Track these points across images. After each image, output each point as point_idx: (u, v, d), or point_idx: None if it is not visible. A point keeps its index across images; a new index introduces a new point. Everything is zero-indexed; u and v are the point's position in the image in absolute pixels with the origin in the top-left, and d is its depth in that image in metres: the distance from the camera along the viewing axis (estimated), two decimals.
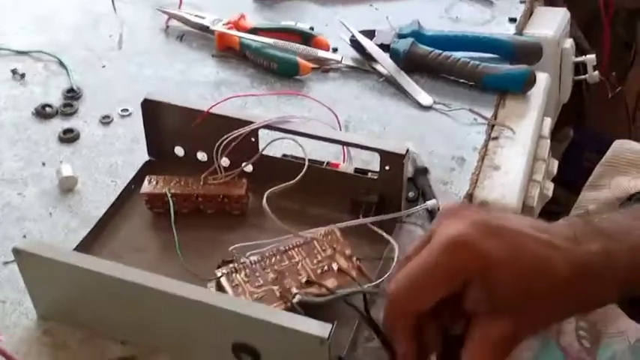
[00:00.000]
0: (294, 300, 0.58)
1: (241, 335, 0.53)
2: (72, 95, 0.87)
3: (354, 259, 0.62)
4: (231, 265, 0.61)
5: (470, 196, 0.74)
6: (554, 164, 0.91)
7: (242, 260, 0.61)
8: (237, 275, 0.60)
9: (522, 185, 0.76)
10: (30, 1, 1.04)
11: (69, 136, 0.80)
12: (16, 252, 0.57)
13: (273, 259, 0.62)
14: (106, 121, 0.83)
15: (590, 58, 1.05)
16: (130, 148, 0.79)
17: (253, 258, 0.62)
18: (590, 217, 0.55)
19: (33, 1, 1.04)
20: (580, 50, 1.12)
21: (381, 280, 0.62)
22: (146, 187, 0.69)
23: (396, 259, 0.63)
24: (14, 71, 0.90)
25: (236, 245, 0.63)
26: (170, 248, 0.64)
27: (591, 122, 1.49)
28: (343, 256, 0.62)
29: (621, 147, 0.75)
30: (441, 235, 0.48)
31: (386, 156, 0.66)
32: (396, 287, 0.48)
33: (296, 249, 0.63)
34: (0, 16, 1.01)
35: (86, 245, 0.66)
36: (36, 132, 0.82)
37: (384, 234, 0.66)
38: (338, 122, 0.76)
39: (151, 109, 0.72)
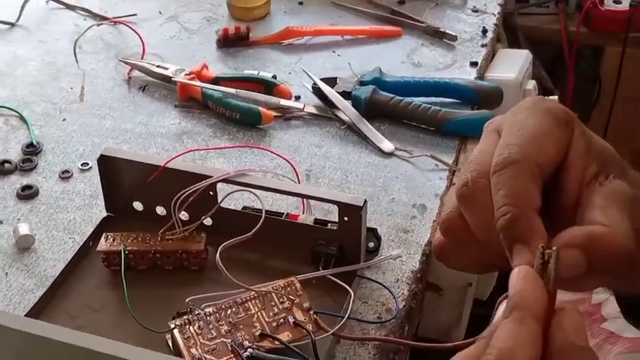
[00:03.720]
0: (245, 354, 0.57)
1: None
2: (32, 150, 0.86)
3: (312, 312, 0.61)
4: (185, 317, 0.60)
5: (431, 244, 0.73)
6: None
7: (196, 312, 0.61)
8: (191, 327, 0.60)
9: None
10: None
11: (27, 193, 0.79)
12: None
13: (229, 311, 0.61)
14: (65, 175, 0.82)
15: (553, 99, 1.06)
16: (89, 204, 0.78)
17: (208, 310, 0.61)
18: None
19: None
20: (544, 90, 1.14)
21: (332, 331, 0.61)
22: (102, 244, 0.68)
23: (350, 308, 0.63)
24: None
25: (192, 297, 0.62)
26: (127, 306, 0.63)
27: None
28: (300, 309, 0.61)
29: None
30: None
31: (344, 208, 0.66)
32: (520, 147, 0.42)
33: (253, 301, 0.62)
34: None
35: (41, 306, 0.65)
36: None
37: (344, 285, 0.65)
38: (296, 174, 0.76)
39: (108, 165, 0.71)
